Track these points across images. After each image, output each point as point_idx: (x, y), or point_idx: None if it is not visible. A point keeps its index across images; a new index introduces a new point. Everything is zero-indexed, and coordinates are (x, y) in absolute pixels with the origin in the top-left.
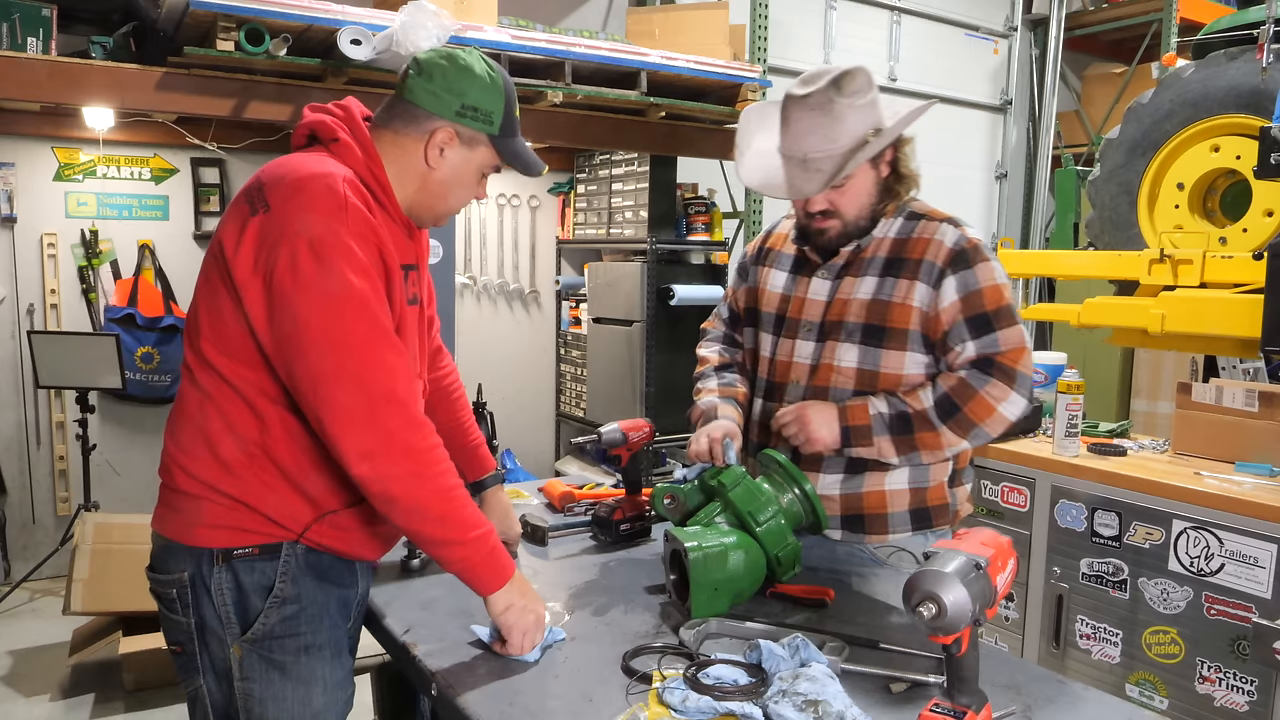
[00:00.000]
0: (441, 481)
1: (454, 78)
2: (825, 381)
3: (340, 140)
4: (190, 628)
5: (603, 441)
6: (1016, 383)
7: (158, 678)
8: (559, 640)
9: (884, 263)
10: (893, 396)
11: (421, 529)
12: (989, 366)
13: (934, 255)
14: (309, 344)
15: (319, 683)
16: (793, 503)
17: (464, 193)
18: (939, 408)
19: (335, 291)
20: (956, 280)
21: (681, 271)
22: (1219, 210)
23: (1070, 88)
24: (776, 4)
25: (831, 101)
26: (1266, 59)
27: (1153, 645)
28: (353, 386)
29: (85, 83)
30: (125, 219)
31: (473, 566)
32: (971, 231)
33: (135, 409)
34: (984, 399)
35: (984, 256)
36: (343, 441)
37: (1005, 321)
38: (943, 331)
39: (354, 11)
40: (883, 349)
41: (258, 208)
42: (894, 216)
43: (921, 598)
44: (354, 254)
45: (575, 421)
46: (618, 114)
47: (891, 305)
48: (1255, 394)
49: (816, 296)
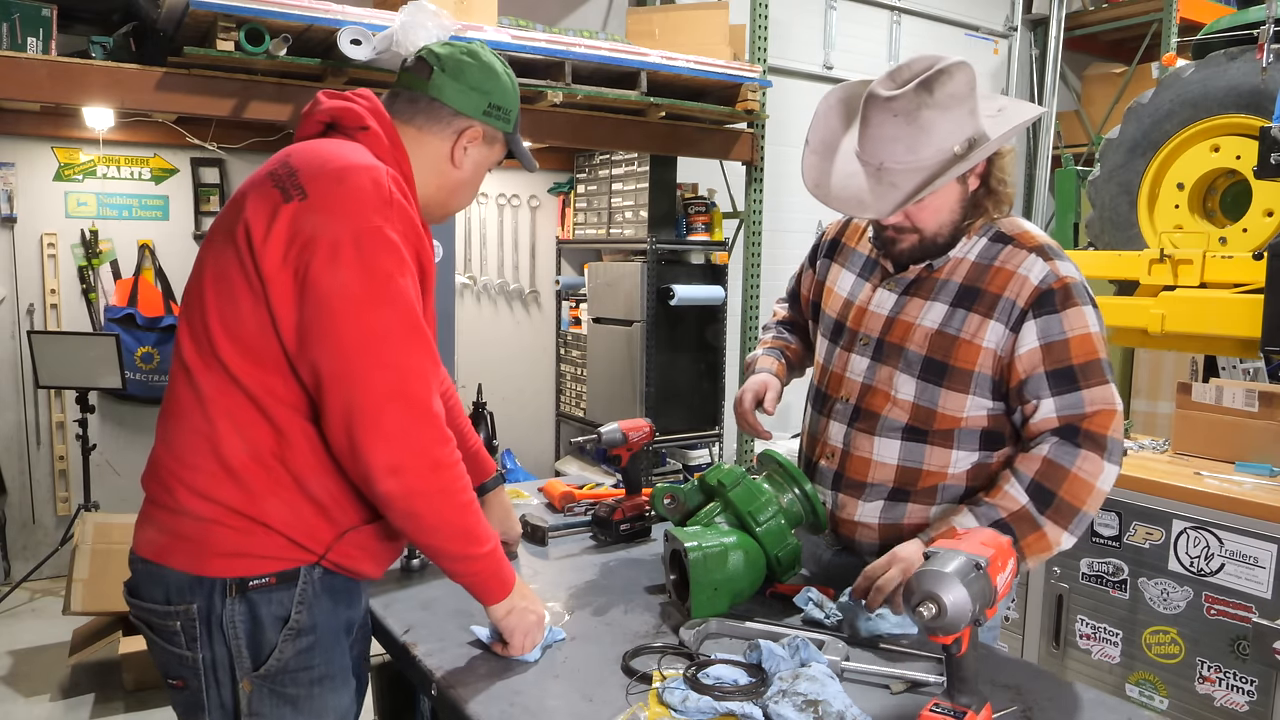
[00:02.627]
0: (463, 498)
1: (480, 76)
2: (878, 408)
3: (370, 130)
4: (197, 664)
5: (603, 441)
6: (1108, 452)
7: (157, 678)
8: (559, 640)
9: (958, 290)
10: (977, 505)
11: (440, 545)
12: (1075, 436)
13: (1015, 292)
14: (344, 343)
15: (330, 714)
16: (793, 503)
17: (473, 190)
18: (1035, 500)
19: (378, 289)
20: (1039, 325)
21: (681, 271)
22: (1219, 210)
23: (1070, 88)
24: (776, 4)
25: (920, 109)
26: (1266, 59)
27: (1153, 645)
28: (387, 394)
29: (85, 83)
30: (125, 219)
31: (483, 580)
32: (1065, 267)
33: (135, 409)
34: (1078, 478)
35: (1075, 300)
36: (373, 454)
37: (1094, 379)
38: (1019, 380)
39: (354, 11)
40: (942, 388)
41: (292, 194)
42: (979, 235)
43: (921, 598)
44: (399, 251)
45: (575, 421)
46: (618, 114)
47: (959, 342)
48: (1255, 394)
49: (879, 310)
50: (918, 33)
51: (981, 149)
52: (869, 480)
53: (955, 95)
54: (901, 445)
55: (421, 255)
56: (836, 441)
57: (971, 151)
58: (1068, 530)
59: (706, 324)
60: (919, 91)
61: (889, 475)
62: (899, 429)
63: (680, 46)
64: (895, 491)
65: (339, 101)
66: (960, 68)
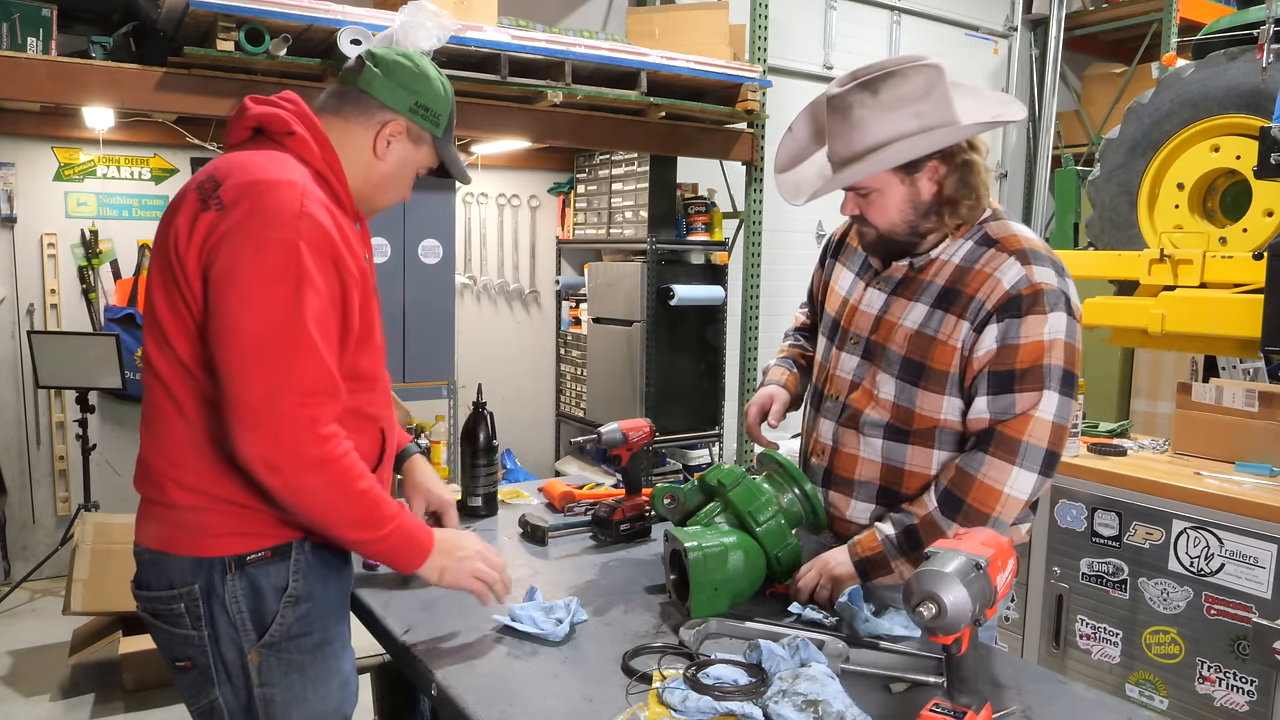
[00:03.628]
0: (354, 487)
1: (411, 76)
2: (862, 405)
3: (296, 134)
4: (202, 640)
5: (603, 441)
6: (1020, 456)
7: (158, 678)
8: (582, 621)
9: (939, 292)
10: (899, 512)
11: (335, 532)
12: (988, 441)
13: (986, 295)
14: (230, 344)
15: (335, 676)
16: (793, 503)
17: (399, 189)
18: (943, 507)
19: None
20: (999, 329)
21: (681, 271)
22: (1219, 210)
23: (1070, 88)
24: (776, 4)
25: (855, 107)
26: (1266, 59)
27: (1153, 645)
28: (266, 395)
29: (85, 83)
30: (125, 219)
31: (392, 554)
32: (1041, 272)
33: (135, 409)
34: (984, 484)
35: (1042, 306)
36: (250, 451)
37: (1030, 384)
38: (971, 380)
39: (354, 11)
40: (919, 388)
41: (210, 205)
42: (965, 238)
43: (921, 598)
44: (299, 261)
45: (575, 421)
46: (618, 114)
47: (935, 343)
48: (1255, 394)
49: (868, 309)
50: (918, 33)
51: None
52: (856, 478)
53: (903, 97)
54: (884, 444)
55: (341, 262)
56: (827, 439)
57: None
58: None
59: (706, 324)
60: (858, 91)
61: (875, 473)
62: (881, 427)
63: (680, 46)
64: (883, 491)
65: (265, 107)
66: (920, 71)
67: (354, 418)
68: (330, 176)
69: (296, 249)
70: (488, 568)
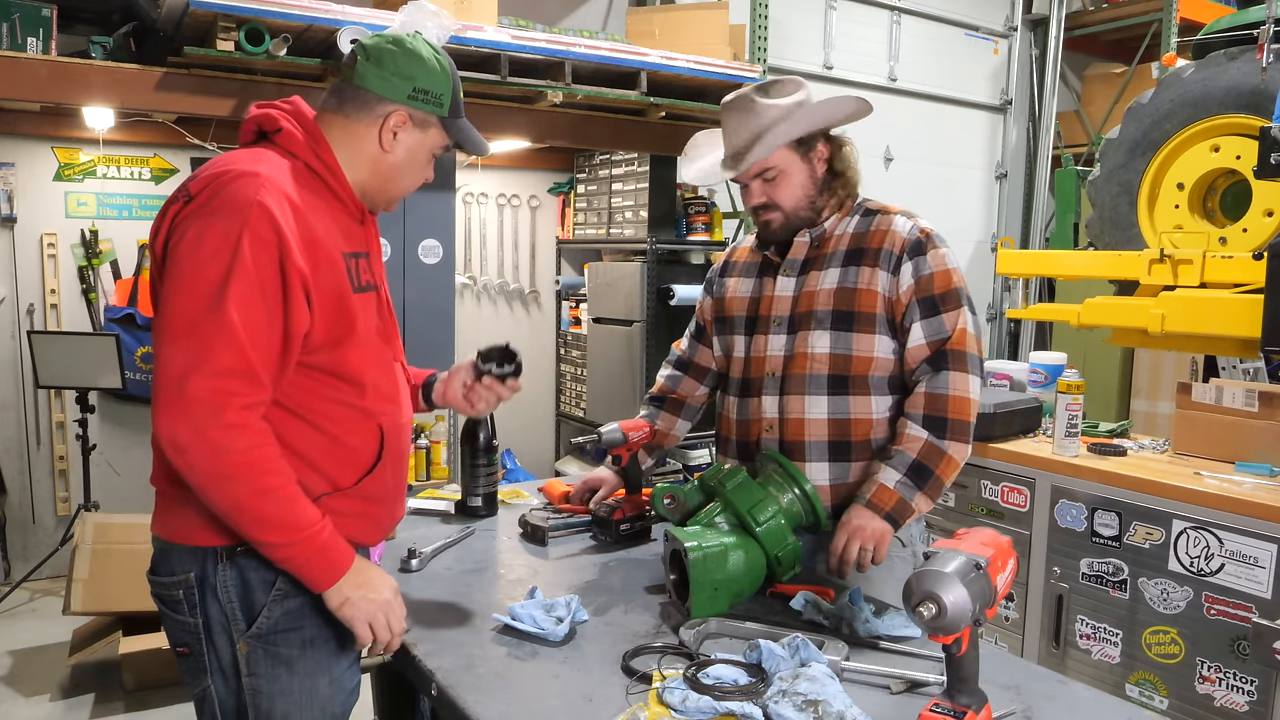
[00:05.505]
0: (260, 483)
1: (404, 62)
2: (800, 369)
3: (283, 130)
4: (197, 628)
5: (603, 441)
6: (970, 365)
7: (158, 678)
8: (582, 621)
9: (845, 255)
10: (891, 459)
11: (244, 530)
12: (944, 360)
13: (891, 244)
14: (162, 322)
15: (324, 675)
16: (793, 503)
17: (416, 174)
18: (932, 431)
19: (198, 277)
20: (912, 265)
21: (681, 271)
22: (1219, 210)
23: (1070, 88)
24: (776, 4)
25: (752, 101)
26: (1266, 59)
27: (1153, 645)
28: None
29: (85, 83)
30: (125, 219)
31: (299, 567)
32: (924, 222)
33: (135, 409)
34: (956, 398)
35: (935, 245)
36: (159, 426)
37: (951, 305)
38: (901, 311)
39: (354, 11)
40: (853, 333)
41: (180, 197)
42: (850, 215)
43: (921, 598)
44: (240, 245)
45: (575, 421)
46: (618, 114)
47: (858, 291)
48: (1255, 394)
49: (784, 293)
50: (917, 33)
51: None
52: (807, 439)
53: (788, 92)
54: (828, 400)
55: (288, 256)
56: (771, 413)
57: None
58: (966, 444)
59: None
60: (753, 92)
61: (823, 431)
62: (823, 382)
63: (680, 46)
64: (834, 447)
65: (262, 110)
66: (792, 80)
67: (348, 415)
68: (320, 169)
69: (237, 236)
70: (385, 625)
